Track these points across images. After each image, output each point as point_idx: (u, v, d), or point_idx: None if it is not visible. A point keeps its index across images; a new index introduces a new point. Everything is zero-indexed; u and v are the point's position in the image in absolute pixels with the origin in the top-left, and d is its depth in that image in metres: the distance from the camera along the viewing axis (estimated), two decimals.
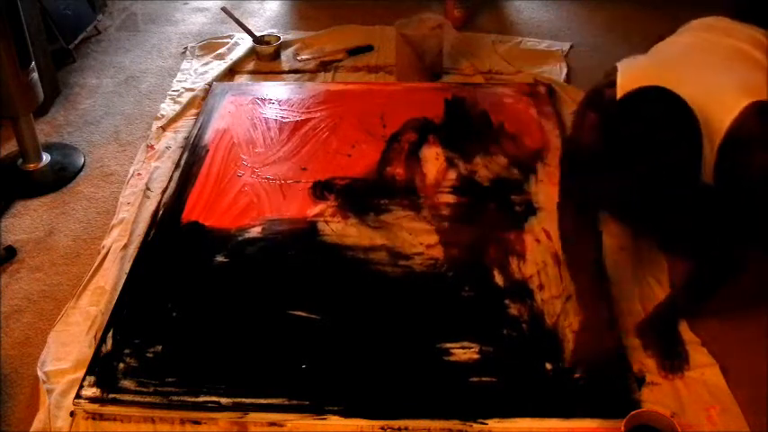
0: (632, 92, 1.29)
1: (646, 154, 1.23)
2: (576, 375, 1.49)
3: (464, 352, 1.54)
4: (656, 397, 1.46)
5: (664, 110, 1.25)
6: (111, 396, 1.46)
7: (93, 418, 1.44)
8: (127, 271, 1.77)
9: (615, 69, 1.42)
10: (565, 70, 2.59)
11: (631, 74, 1.38)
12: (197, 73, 2.63)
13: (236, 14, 2.90)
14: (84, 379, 1.49)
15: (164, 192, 2.02)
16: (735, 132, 1.26)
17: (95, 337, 1.60)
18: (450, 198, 1.96)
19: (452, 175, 2.04)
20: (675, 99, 1.24)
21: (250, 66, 2.71)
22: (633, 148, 1.24)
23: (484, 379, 1.49)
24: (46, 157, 2.18)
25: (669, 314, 1.60)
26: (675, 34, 1.55)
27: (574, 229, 1.61)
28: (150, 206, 1.98)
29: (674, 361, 1.53)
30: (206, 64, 2.69)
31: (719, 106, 1.27)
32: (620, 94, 1.33)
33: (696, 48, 1.46)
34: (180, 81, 2.59)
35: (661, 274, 1.74)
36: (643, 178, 1.25)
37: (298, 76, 2.64)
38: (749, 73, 1.35)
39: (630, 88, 1.31)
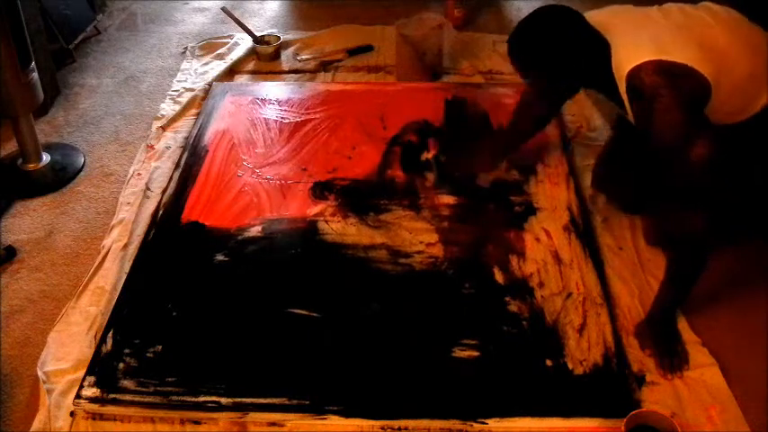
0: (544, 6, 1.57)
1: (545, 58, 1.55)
2: (577, 373, 1.49)
3: (464, 350, 1.54)
4: (656, 397, 1.46)
5: (554, 14, 1.54)
6: (111, 396, 1.46)
7: (93, 418, 1.44)
8: (127, 271, 1.77)
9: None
10: None
11: (589, 17, 1.56)
12: (197, 73, 2.63)
13: (236, 14, 2.90)
14: (84, 379, 1.49)
15: (164, 192, 2.02)
16: (633, 80, 1.43)
17: (95, 337, 1.60)
18: (451, 199, 1.96)
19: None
20: (575, 16, 1.53)
21: (250, 66, 2.71)
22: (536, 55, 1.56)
23: (484, 378, 1.49)
24: (46, 157, 2.18)
25: (664, 312, 1.60)
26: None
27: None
28: (150, 206, 1.98)
29: (674, 360, 1.53)
30: (206, 64, 2.69)
31: (629, 54, 1.45)
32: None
33: (650, 14, 1.55)
34: (180, 81, 2.59)
35: (661, 273, 1.73)
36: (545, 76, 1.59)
37: (298, 76, 2.64)
38: (676, 38, 1.45)
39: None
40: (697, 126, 1.39)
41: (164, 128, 2.32)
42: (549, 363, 1.51)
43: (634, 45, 1.45)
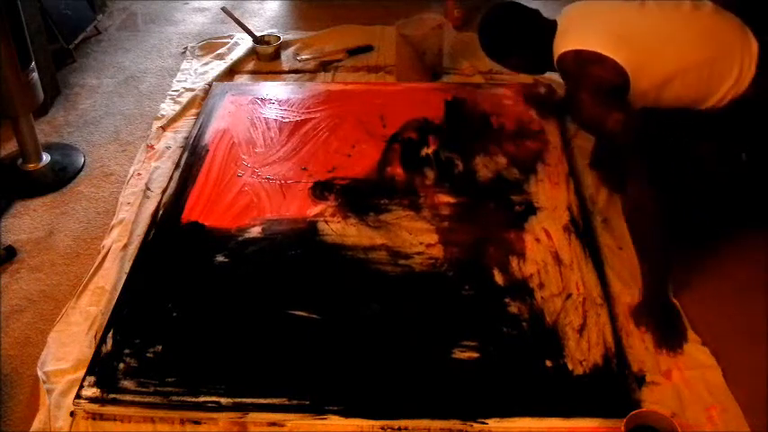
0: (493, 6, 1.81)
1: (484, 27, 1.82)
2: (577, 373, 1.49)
3: (464, 351, 1.54)
4: (656, 397, 1.46)
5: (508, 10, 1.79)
6: (112, 396, 1.46)
7: (93, 418, 1.44)
8: (127, 271, 1.77)
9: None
10: None
11: (567, 8, 1.76)
12: (197, 73, 2.63)
13: (236, 14, 2.90)
14: (84, 379, 1.49)
15: (164, 192, 2.02)
16: (558, 65, 1.68)
17: (95, 337, 1.60)
18: (451, 198, 1.96)
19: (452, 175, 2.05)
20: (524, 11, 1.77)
21: (250, 66, 2.71)
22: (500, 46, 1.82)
23: (484, 378, 1.49)
24: (46, 157, 2.18)
25: (651, 290, 1.63)
26: None
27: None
28: (150, 206, 1.98)
29: (673, 338, 1.56)
30: (206, 64, 2.69)
31: (563, 43, 1.65)
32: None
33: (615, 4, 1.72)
34: (180, 81, 2.59)
35: None
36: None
37: (298, 76, 2.64)
38: (604, 30, 1.62)
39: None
40: (608, 104, 1.56)
41: (164, 128, 2.32)
42: (548, 363, 1.51)
43: (566, 35, 1.67)
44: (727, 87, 1.56)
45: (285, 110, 2.35)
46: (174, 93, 2.51)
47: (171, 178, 2.07)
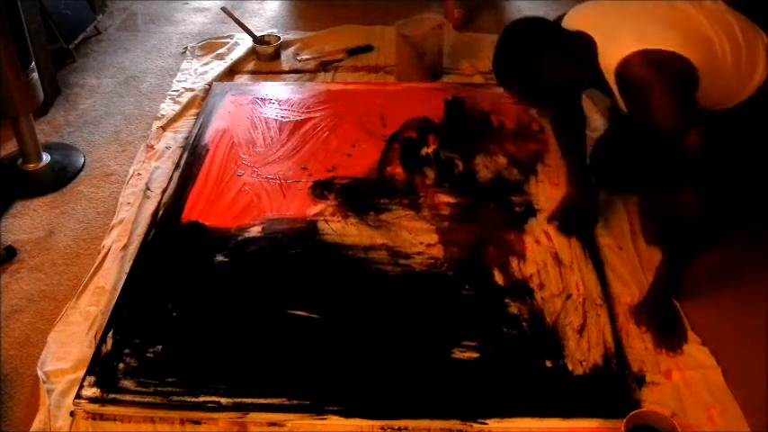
0: (515, 21, 1.60)
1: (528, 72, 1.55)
2: (577, 374, 1.49)
3: (464, 351, 1.54)
4: (656, 397, 1.46)
5: (531, 26, 1.57)
6: (112, 396, 1.46)
7: (93, 418, 1.44)
8: (127, 271, 1.77)
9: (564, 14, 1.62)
10: None
11: (570, 15, 1.58)
12: (197, 73, 2.63)
13: (236, 14, 2.89)
14: (84, 379, 1.49)
15: (164, 192, 2.02)
16: (622, 72, 1.42)
17: (95, 337, 1.60)
18: (451, 198, 1.96)
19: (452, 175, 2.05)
20: (548, 25, 1.55)
21: (250, 66, 2.71)
22: (517, 69, 1.57)
23: (484, 378, 1.49)
24: (46, 157, 2.18)
25: (661, 293, 1.62)
26: None
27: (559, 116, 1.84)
28: (150, 206, 1.98)
29: (672, 336, 1.56)
30: (206, 64, 2.69)
31: (615, 47, 1.44)
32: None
33: (635, 3, 1.56)
34: (180, 81, 2.59)
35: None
36: (532, 93, 1.63)
37: (298, 76, 2.63)
38: (662, 27, 1.45)
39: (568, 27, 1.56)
40: (689, 113, 1.40)
41: (164, 128, 2.32)
42: (548, 364, 1.51)
43: (618, 38, 1.45)
44: (755, 84, 1.50)
45: (285, 109, 2.35)
46: (174, 93, 2.51)
47: (171, 178, 2.07)
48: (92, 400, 1.45)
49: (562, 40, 1.54)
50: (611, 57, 1.44)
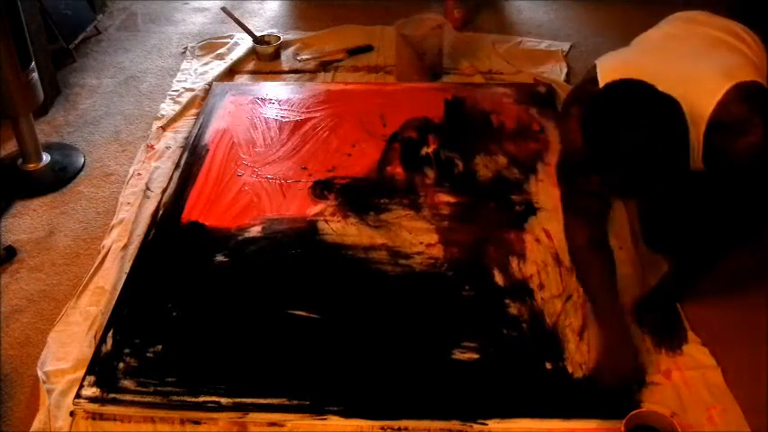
0: (607, 86, 1.27)
1: (629, 148, 1.19)
2: (578, 376, 1.49)
3: (464, 352, 1.54)
4: (656, 397, 1.46)
5: (640, 100, 1.21)
6: (111, 396, 1.46)
7: (93, 418, 1.44)
8: (127, 271, 1.77)
9: (594, 66, 1.41)
10: (565, 70, 2.59)
11: (610, 67, 1.37)
12: (197, 73, 2.63)
13: (236, 14, 2.90)
14: (84, 379, 1.49)
15: (164, 192, 2.02)
16: (719, 116, 1.25)
17: (95, 337, 1.60)
18: (451, 198, 1.96)
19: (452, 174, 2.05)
20: (650, 89, 1.21)
21: (250, 66, 2.71)
22: (614, 144, 1.20)
23: (484, 379, 1.49)
24: (46, 157, 2.18)
25: (667, 297, 1.62)
26: (655, 27, 1.53)
27: (587, 245, 1.50)
28: (150, 206, 1.98)
29: (672, 337, 1.55)
30: (206, 64, 2.69)
31: (702, 92, 1.26)
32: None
33: (675, 37, 1.45)
34: (180, 81, 2.59)
35: (660, 274, 1.73)
36: (628, 177, 1.24)
37: (298, 76, 2.63)
38: (727, 58, 1.34)
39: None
40: None
41: (164, 128, 2.32)
42: (548, 366, 1.51)
43: (702, 82, 1.27)
44: None
45: (285, 109, 2.35)
46: (174, 93, 2.51)
47: (171, 178, 2.07)
48: (92, 399, 1.45)
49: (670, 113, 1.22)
50: (702, 106, 1.25)
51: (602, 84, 1.33)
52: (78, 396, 1.46)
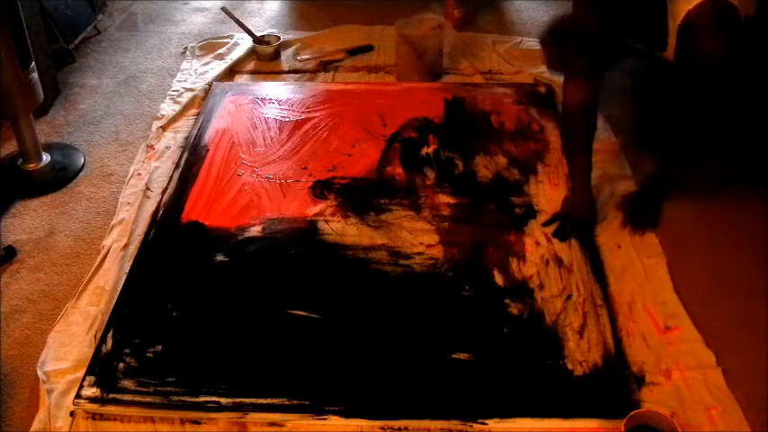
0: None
1: None
2: (577, 374, 1.49)
3: (464, 351, 1.54)
4: (656, 397, 1.46)
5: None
6: (111, 396, 1.46)
7: (93, 418, 1.44)
8: (127, 271, 1.77)
9: None
10: None
11: None
12: (197, 73, 2.63)
13: (236, 14, 2.90)
14: (84, 379, 1.49)
15: (164, 192, 2.02)
16: (690, 19, 1.54)
17: (95, 337, 1.60)
18: (451, 198, 1.96)
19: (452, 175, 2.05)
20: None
21: (250, 66, 2.71)
22: None
23: (484, 379, 1.49)
24: (46, 157, 2.18)
25: (652, 185, 1.78)
26: None
27: (578, 110, 1.80)
28: (150, 206, 1.98)
29: (641, 222, 1.75)
30: (206, 64, 2.69)
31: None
32: None
33: None
34: (180, 81, 2.59)
35: (660, 273, 1.74)
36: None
37: (298, 76, 2.64)
38: None
39: None
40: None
41: (164, 128, 2.32)
42: (549, 364, 1.51)
43: None
44: None
45: (285, 109, 2.35)
46: (174, 93, 2.51)
47: (171, 178, 2.07)
48: (92, 399, 1.45)
49: None
50: (682, 4, 1.56)
51: None
52: (78, 396, 1.46)
